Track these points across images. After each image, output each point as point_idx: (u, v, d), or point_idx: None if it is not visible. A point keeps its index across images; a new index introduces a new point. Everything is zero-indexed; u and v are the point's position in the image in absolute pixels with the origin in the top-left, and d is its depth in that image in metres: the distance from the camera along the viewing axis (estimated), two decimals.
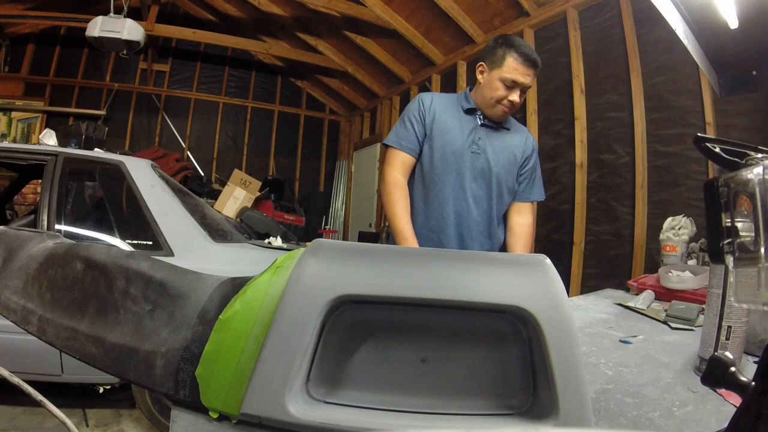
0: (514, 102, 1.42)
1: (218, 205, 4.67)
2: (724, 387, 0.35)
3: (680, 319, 1.11)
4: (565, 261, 2.93)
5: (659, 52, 2.52)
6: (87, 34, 3.82)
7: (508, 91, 1.41)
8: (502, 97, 1.42)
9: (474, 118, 1.51)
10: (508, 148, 1.51)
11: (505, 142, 1.52)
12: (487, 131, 1.50)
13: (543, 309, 0.46)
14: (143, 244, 1.94)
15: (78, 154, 2.19)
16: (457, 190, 1.47)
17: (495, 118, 1.49)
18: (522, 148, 1.54)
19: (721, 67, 0.96)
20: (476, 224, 1.48)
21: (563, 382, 0.44)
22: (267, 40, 5.52)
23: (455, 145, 1.46)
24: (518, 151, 1.53)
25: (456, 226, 1.48)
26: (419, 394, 0.50)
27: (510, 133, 1.55)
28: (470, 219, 1.48)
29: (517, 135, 1.56)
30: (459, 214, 1.47)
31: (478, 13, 3.58)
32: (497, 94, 1.42)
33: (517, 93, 1.42)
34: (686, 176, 2.39)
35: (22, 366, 1.78)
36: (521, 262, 0.50)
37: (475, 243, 1.49)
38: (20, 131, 5.29)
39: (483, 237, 1.51)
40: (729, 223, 0.43)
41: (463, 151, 1.46)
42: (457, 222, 1.47)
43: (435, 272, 0.48)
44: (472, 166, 1.46)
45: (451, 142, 1.46)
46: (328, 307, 0.47)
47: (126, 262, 0.58)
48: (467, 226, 1.48)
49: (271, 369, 0.46)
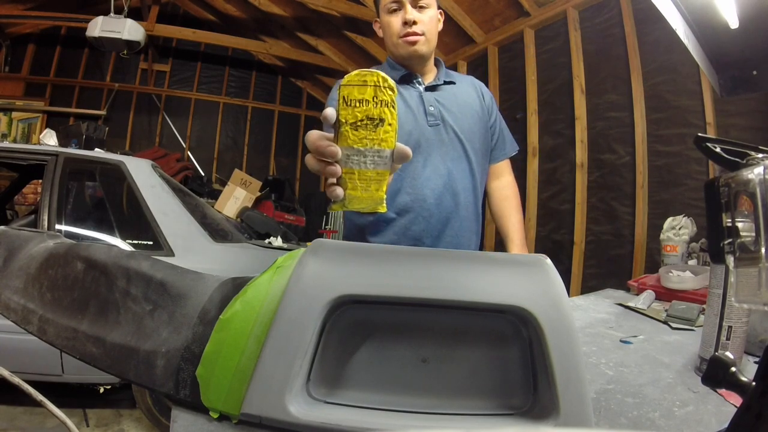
0: (410, 20, 1.14)
1: (218, 205, 4.67)
2: (725, 387, 0.35)
3: (681, 319, 1.11)
4: (566, 261, 2.93)
5: (659, 52, 2.52)
6: (87, 34, 3.82)
7: (397, 14, 1.16)
8: (397, 27, 1.16)
9: (414, 86, 1.23)
10: (466, 105, 1.25)
11: (460, 98, 1.25)
12: (434, 95, 1.22)
13: (543, 309, 0.46)
14: (144, 244, 1.94)
15: (78, 154, 2.20)
16: (432, 176, 1.18)
17: (410, 57, 1.20)
18: (478, 98, 1.28)
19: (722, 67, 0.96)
20: (465, 208, 1.22)
21: (564, 382, 0.44)
22: (267, 40, 5.52)
23: (409, 125, 1.15)
24: (476, 104, 1.27)
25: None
26: (420, 394, 0.50)
27: (458, 87, 1.27)
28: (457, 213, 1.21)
29: (466, 85, 1.30)
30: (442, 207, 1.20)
31: (479, 13, 3.58)
32: (393, 29, 1.17)
33: (406, 9, 1.14)
34: (687, 176, 2.39)
35: (23, 366, 1.78)
36: (521, 262, 0.50)
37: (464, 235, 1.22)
38: (20, 131, 5.29)
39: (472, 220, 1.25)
40: (729, 223, 0.43)
41: (422, 129, 1.17)
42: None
43: (435, 272, 0.48)
44: (440, 143, 1.18)
45: (403, 124, 1.13)
46: (329, 307, 0.47)
47: (126, 262, 0.58)
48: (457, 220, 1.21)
49: (271, 369, 0.46)
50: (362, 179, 0.48)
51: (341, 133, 0.47)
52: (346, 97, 0.46)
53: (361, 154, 0.47)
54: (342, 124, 0.46)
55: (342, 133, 0.47)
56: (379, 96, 0.45)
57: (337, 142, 0.47)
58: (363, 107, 0.45)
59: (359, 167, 0.48)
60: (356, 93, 0.45)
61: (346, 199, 0.49)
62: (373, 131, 0.46)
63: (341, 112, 0.46)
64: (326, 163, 0.48)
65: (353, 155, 0.47)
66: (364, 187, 0.49)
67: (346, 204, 0.50)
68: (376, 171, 0.48)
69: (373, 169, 0.48)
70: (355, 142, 0.47)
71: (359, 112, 0.46)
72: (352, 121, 0.46)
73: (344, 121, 0.46)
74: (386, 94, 0.46)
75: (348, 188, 0.49)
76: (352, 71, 0.46)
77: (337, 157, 0.47)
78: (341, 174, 0.48)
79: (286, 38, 5.61)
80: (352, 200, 0.49)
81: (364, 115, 0.46)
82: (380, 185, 0.49)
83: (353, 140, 0.46)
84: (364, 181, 0.48)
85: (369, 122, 0.46)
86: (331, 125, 0.48)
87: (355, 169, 0.48)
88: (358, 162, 0.47)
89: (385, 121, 0.46)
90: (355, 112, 0.46)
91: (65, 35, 5.41)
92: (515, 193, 1.36)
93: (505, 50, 3.64)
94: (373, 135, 0.46)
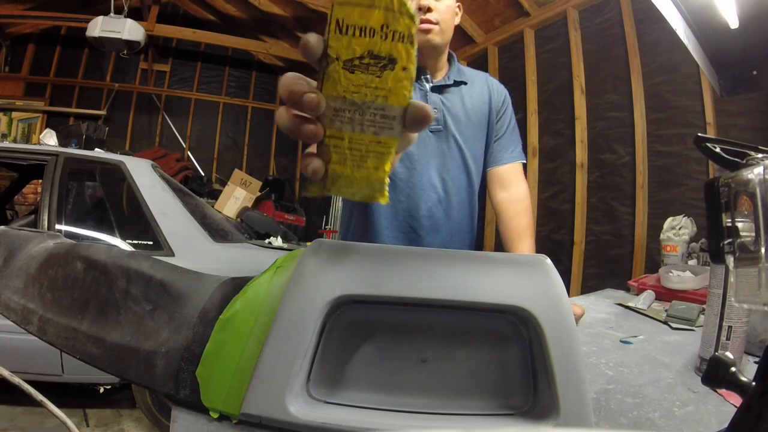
0: (424, 6, 1.04)
1: (218, 205, 4.67)
2: (725, 387, 0.35)
3: (681, 319, 1.11)
4: (566, 261, 2.93)
5: (659, 52, 2.52)
6: (87, 34, 3.82)
7: (411, 1, 1.09)
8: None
9: (419, 84, 1.12)
10: (475, 110, 1.15)
11: (468, 102, 1.15)
12: (441, 96, 1.12)
13: (543, 309, 0.46)
14: (144, 244, 1.94)
15: (78, 154, 2.20)
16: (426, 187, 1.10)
17: (422, 47, 1.06)
18: (489, 100, 1.18)
19: (722, 67, 0.96)
20: (458, 222, 1.16)
21: (564, 382, 0.44)
22: (267, 40, 5.52)
23: None
24: (485, 107, 1.17)
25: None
26: (420, 394, 0.50)
27: (469, 88, 1.16)
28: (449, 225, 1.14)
29: (478, 86, 1.18)
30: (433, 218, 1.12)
31: (479, 13, 3.58)
32: None
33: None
34: (687, 176, 2.39)
35: (23, 366, 1.78)
36: (521, 262, 0.50)
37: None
38: (21, 131, 5.29)
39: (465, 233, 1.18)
40: (729, 223, 0.43)
41: (421, 134, 1.03)
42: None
43: (435, 272, 0.48)
44: (439, 151, 1.11)
45: None
46: (329, 307, 0.47)
47: (126, 262, 0.58)
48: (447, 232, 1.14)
49: (271, 369, 0.46)
50: (355, 148, 0.33)
51: (328, 75, 0.32)
52: (340, 21, 0.30)
53: (357, 110, 0.32)
54: (331, 60, 0.31)
55: (330, 75, 0.32)
56: (391, 24, 0.30)
57: (322, 88, 0.32)
58: (366, 38, 0.31)
59: (352, 129, 0.33)
60: (357, 16, 0.30)
61: (328, 178, 0.34)
62: (377, 76, 0.31)
63: (332, 44, 0.31)
64: (302, 119, 0.33)
65: (344, 110, 0.32)
66: (356, 162, 0.34)
67: (329, 186, 0.35)
68: (377, 138, 0.33)
69: (373, 135, 0.33)
70: (350, 91, 0.32)
71: (359, 44, 0.31)
72: (347, 57, 0.31)
73: (335, 56, 0.31)
74: (402, 23, 0.31)
75: (333, 161, 0.34)
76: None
77: (319, 110, 0.32)
78: (323, 138, 0.33)
79: (286, 38, 5.61)
80: (337, 181, 0.35)
81: (366, 49, 0.31)
82: (381, 161, 0.34)
83: (346, 87, 0.32)
84: (358, 151, 0.34)
85: (373, 62, 0.31)
86: (315, 60, 0.32)
87: (345, 132, 0.33)
88: (350, 121, 0.33)
89: (397, 63, 0.31)
90: (353, 45, 0.31)
91: (65, 35, 5.41)
92: (526, 208, 1.17)
93: (505, 50, 3.64)
94: (378, 82, 0.32)
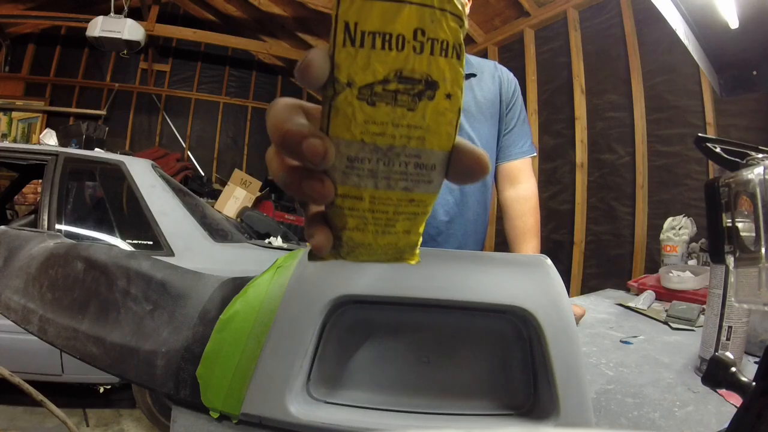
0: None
1: (218, 205, 4.67)
2: (725, 387, 0.35)
3: (681, 319, 1.11)
4: (565, 261, 2.93)
5: (659, 52, 2.52)
6: (87, 34, 3.82)
7: None
8: None
9: None
10: (486, 103, 1.10)
11: (479, 96, 1.10)
12: None
13: (544, 309, 0.46)
14: (143, 244, 1.94)
15: (78, 154, 2.20)
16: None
17: None
18: (498, 91, 1.12)
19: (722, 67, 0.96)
20: (473, 223, 1.13)
21: (564, 382, 0.44)
22: (267, 40, 5.51)
23: None
24: (496, 100, 1.12)
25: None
26: (420, 394, 0.50)
27: (479, 80, 1.11)
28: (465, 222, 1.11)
29: (487, 77, 1.13)
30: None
31: (479, 13, 3.58)
32: None
33: None
34: (687, 176, 2.39)
35: (23, 366, 1.78)
36: (522, 262, 0.50)
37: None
38: (21, 131, 5.29)
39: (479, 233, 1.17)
40: (729, 224, 0.43)
41: None
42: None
43: (435, 272, 0.48)
44: None
45: None
46: (329, 307, 0.47)
47: (127, 262, 0.58)
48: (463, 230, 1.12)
49: (271, 369, 0.46)
50: (379, 210, 0.24)
51: (337, 109, 0.21)
52: (352, 26, 0.20)
53: (382, 158, 0.22)
54: (341, 87, 0.21)
55: (340, 109, 0.21)
56: (429, 29, 0.21)
57: (329, 127, 0.22)
58: (392, 52, 0.21)
59: (375, 185, 0.23)
60: (378, 18, 0.20)
61: (343, 246, 0.25)
62: (409, 108, 0.21)
63: (341, 62, 0.21)
64: (303, 171, 0.22)
65: (363, 158, 0.22)
66: (381, 227, 0.24)
67: (343, 255, 0.25)
68: (409, 195, 0.24)
69: (404, 191, 0.23)
70: (369, 132, 0.22)
71: (382, 61, 0.21)
72: (364, 82, 0.21)
73: (346, 81, 0.21)
74: (445, 27, 0.21)
75: (349, 227, 0.24)
76: None
77: (326, 163, 0.21)
78: (333, 199, 0.23)
79: (286, 38, 5.61)
80: (355, 250, 0.25)
81: (392, 69, 0.21)
82: (415, 223, 0.25)
83: (364, 126, 0.22)
84: (383, 213, 0.24)
85: (403, 87, 0.21)
86: (317, 88, 0.22)
87: (365, 190, 0.23)
88: (372, 174, 0.23)
89: (438, 88, 0.22)
90: (372, 62, 0.21)
91: (65, 35, 5.41)
92: (533, 207, 1.14)
93: (505, 50, 3.64)
94: (410, 117, 0.22)
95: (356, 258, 0.26)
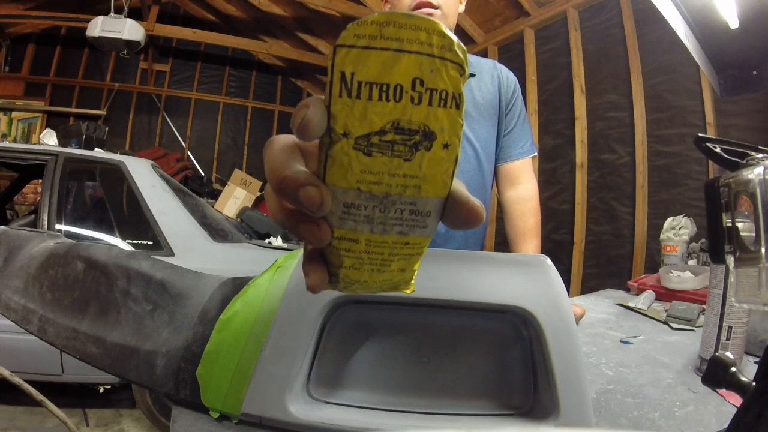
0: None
1: (218, 204, 4.68)
2: (725, 387, 0.35)
3: (681, 319, 1.11)
4: (565, 261, 2.93)
5: (659, 52, 2.52)
6: (87, 34, 3.82)
7: None
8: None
9: None
10: (486, 104, 1.08)
11: (478, 96, 1.07)
12: None
13: (544, 309, 0.46)
14: (143, 244, 1.94)
15: (78, 154, 2.20)
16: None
17: None
18: (497, 92, 1.10)
19: (722, 67, 0.96)
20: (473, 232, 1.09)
21: (564, 382, 0.44)
22: (267, 40, 5.52)
23: None
24: (495, 100, 1.10)
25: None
26: (420, 394, 0.50)
27: (478, 81, 1.08)
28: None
29: (486, 76, 1.10)
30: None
31: (479, 13, 3.58)
32: (403, 1, 0.98)
33: None
34: (687, 176, 2.39)
35: (23, 366, 1.78)
36: (522, 262, 0.50)
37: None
38: (21, 131, 5.29)
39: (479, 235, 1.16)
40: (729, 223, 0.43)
41: None
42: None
43: (435, 272, 0.48)
44: None
45: None
46: (329, 308, 0.47)
47: (127, 262, 0.58)
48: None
49: (271, 369, 0.46)
50: (375, 252, 0.24)
51: (333, 158, 0.22)
52: (348, 76, 0.21)
53: (378, 205, 0.23)
54: (337, 137, 0.21)
55: (336, 158, 0.22)
56: (429, 79, 0.21)
57: (325, 175, 0.22)
58: (389, 103, 0.21)
59: (371, 230, 0.23)
60: (375, 68, 0.20)
61: (340, 281, 0.26)
62: (406, 159, 0.22)
63: (336, 112, 0.21)
64: (300, 216, 0.23)
65: (359, 205, 0.23)
66: (377, 266, 0.25)
67: (340, 288, 0.26)
68: (404, 239, 0.24)
69: (399, 235, 0.24)
70: (366, 181, 0.22)
71: (378, 113, 0.21)
72: (361, 132, 0.21)
73: (342, 131, 0.21)
74: (445, 77, 0.21)
75: (345, 265, 0.25)
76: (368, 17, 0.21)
77: (322, 211, 0.22)
78: (331, 241, 0.24)
79: (286, 38, 5.61)
80: (351, 285, 0.26)
81: (389, 120, 0.21)
82: (410, 263, 0.26)
83: (361, 176, 0.22)
84: (379, 255, 0.25)
85: (400, 138, 0.21)
86: (313, 139, 0.22)
87: (361, 234, 0.24)
88: (368, 220, 0.23)
89: (436, 139, 0.22)
90: (369, 114, 0.21)
91: (65, 35, 5.41)
92: (534, 207, 1.14)
93: (505, 50, 3.64)
94: (407, 168, 0.22)
95: (353, 291, 0.27)
